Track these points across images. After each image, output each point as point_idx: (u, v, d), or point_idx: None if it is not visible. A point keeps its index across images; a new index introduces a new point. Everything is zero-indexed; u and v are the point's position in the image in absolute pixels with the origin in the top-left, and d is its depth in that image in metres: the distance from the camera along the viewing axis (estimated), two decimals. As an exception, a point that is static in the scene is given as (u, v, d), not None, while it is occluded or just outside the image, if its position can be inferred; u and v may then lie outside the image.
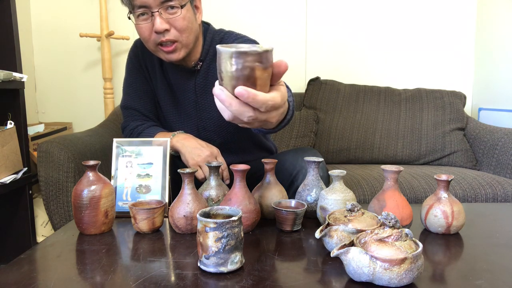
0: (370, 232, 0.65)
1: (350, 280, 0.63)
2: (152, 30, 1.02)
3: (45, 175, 1.33)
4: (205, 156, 1.02)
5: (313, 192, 0.95)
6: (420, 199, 1.43)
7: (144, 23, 1.02)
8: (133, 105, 1.22)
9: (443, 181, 0.85)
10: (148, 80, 1.22)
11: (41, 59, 2.19)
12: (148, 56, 1.19)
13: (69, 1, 2.15)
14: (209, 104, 1.19)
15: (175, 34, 1.03)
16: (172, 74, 1.18)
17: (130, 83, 1.22)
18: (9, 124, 1.53)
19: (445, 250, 0.78)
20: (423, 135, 1.91)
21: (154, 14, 1.00)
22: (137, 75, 1.22)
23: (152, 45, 1.05)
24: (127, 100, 1.23)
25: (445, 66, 2.29)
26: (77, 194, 0.84)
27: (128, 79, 1.23)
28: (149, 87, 1.22)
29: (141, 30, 1.04)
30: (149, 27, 1.02)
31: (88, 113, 2.22)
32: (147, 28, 1.02)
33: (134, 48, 1.23)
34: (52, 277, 0.66)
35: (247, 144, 1.27)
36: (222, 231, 0.64)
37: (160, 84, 1.20)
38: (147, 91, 1.22)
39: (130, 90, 1.22)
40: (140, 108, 1.21)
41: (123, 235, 0.86)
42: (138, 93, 1.22)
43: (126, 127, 1.22)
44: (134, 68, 1.21)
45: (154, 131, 1.15)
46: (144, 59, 1.21)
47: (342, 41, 2.25)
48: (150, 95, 1.23)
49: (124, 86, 1.25)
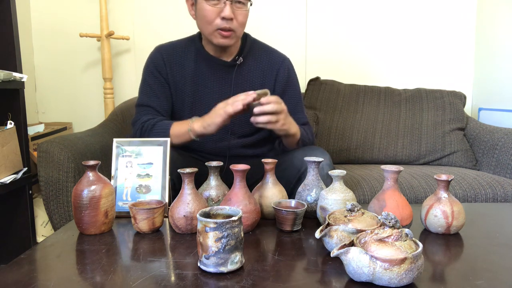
0: (370, 232, 0.65)
1: (350, 280, 0.63)
2: (218, 14, 1.14)
3: (45, 175, 1.33)
4: (222, 106, 1.07)
5: (313, 192, 0.95)
6: (420, 199, 1.43)
7: (213, 7, 1.14)
8: (148, 103, 1.24)
9: (443, 181, 0.85)
10: (170, 83, 1.26)
11: (41, 59, 2.18)
12: (174, 58, 1.26)
13: (69, 1, 2.15)
14: None
15: (235, 25, 1.16)
16: (211, 66, 1.26)
17: (148, 84, 1.26)
18: (9, 124, 1.53)
19: (445, 250, 0.78)
20: (423, 135, 1.91)
21: (226, 2, 1.12)
22: (156, 77, 1.25)
23: (212, 27, 1.16)
24: (143, 98, 1.26)
25: (445, 66, 2.29)
26: (77, 194, 0.84)
27: (146, 80, 1.27)
28: (167, 89, 1.26)
29: (208, 12, 1.14)
30: (216, 11, 1.14)
31: (88, 113, 2.22)
32: (214, 12, 1.14)
33: (157, 53, 1.27)
34: (52, 277, 0.66)
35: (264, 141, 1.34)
36: (222, 231, 0.64)
37: (191, 79, 1.25)
38: (165, 92, 1.26)
39: (147, 89, 1.26)
40: (156, 106, 1.24)
41: (123, 235, 0.86)
42: (155, 93, 1.25)
43: (137, 121, 1.23)
44: (156, 71, 1.26)
45: (168, 123, 1.18)
46: (169, 62, 1.26)
47: (342, 41, 2.25)
48: (167, 96, 1.26)
49: (140, 86, 1.28)
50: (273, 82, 1.30)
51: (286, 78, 1.30)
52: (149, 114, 1.22)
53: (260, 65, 1.29)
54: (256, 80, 1.28)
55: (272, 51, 1.34)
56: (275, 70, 1.30)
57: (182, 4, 2.18)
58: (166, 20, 2.13)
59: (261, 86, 1.27)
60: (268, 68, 1.30)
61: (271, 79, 1.30)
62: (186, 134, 1.12)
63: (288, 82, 1.31)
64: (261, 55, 1.31)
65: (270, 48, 1.35)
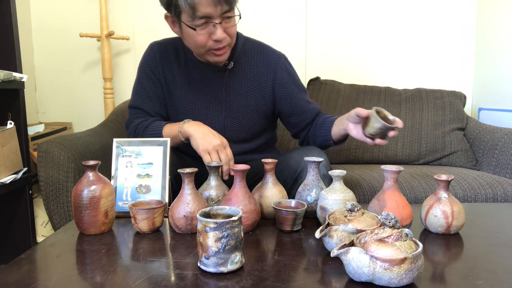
0: (370, 232, 0.65)
1: (350, 280, 0.63)
2: (209, 37, 1.07)
3: (45, 175, 1.33)
4: (215, 145, 1.03)
5: (313, 192, 0.95)
6: (420, 199, 1.43)
7: (203, 32, 1.06)
8: (140, 105, 1.23)
9: (443, 181, 0.85)
10: (163, 84, 1.23)
11: (41, 59, 2.18)
12: (166, 58, 1.22)
13: (69, 1, 2.15)
14: (237, 103, 1.22)
15: (228, 40, 1.10)
16: (201, 71, 1.21)
17: (142, 84, 1.24)
18: (9, 124, 1.53)
19: (445, 250, 0.78)
20: (423, 135, 1.91)
21: (216, 25, 1.05)
22: (150, 78, 1.23)
23: (205, 49, 1.10)
24: (136, 100, 1.24)
25: (445, 66, 2.29)
26: (77, 194, 0.84)
27: (140, 80, 1.25)
28: (161, 91, 1.24)
29: (199, 38, 1.07)
30: (206, 35, 1.07)
31: (88, 113, 2.22)
32: (205, 36, 1.07)
33: (151, 52, 1.24)
34: (52, 277, 0.66)
35: (264, 145, 1.32)
36: (222, 231, 0.64)
37: (182, 83, 1.22)
38: (158, 94, 1.24)
39: (140, 90, 1.24)
40: (147, 109, 1.23)
41: (123, 235, 0.86)
42: (148, 94, 1.23)
43: (130, 124, 1.22)
44: (150, 72, 1.23)
45: (160, 124, 1.16)
46: (162, 62, 1.23)
47: (342, 41, 2.25)
48: (161, 98, 1.24)
49: (134, 86, 1.26)
50: (271, 84, 1.25)
51: (286, 78, 1.26)
52: (141, 117, 1.21)
53: (254, 68, 1.24)
54: (250, 83, 1.23)
55: (266, 49, 1.27)
56: (271, 72, 1.24)
57: (182, 4, 2.18)
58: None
59: (257, 89, 1.23)
60: (263, 70, 1.24)
61: (269, 81, 1.24)
62: (177, 137, 1.10)
63: (289, 80, 1.26)
64: (255, 56, 1.25)
65: (263, 46, 1.28)
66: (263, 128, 1.30)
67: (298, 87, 1.29)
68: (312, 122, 1.29)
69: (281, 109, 1.28)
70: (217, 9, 1.02)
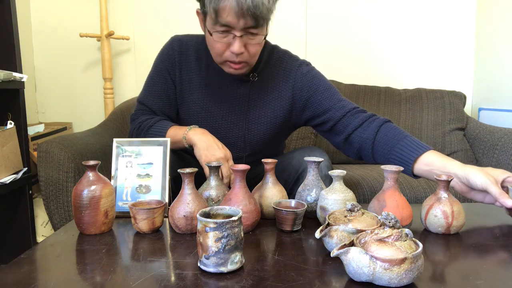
0: (370, 232, 0.65)
1: (350, 280, 0.63)
2: (227, 47, 1.02)
3: (45, 175, 1.33)
4: (218, 157, 1.01)
5: (313, 192, 0.95)
6: (420, 199, 1.43)
7: (222, 40, 1.02)
8: (148, 103, 1.20)
9: (443, 181, 0.85)
10: (177, 85, 1.18)
11: (41, 59, 2.19)
12: (186, 58, 1.17)
13: (69, 1, 2.15)
14: (259, 116, 1.17)
15: (246, 57, 1.04)
16: (221, 78, 1.16)
17: (154, 82, 1.20)
18: (9, 124, 1.53)
19: (445, 250, 0.78)
20: (423, 135, 1.91)
21: (236, 37, 1.00)
22: (163, 77, 1.19)
23: (222, 59, 1.06)
24: (146, 96, 1.20)
25: (445, 66, 2.29)
26: (77, 194, 0.84)
27: (152, 77, 1.20)
28: (173, 92, 1.19)
29: (216, 44, 1.03)
30: (224, 44, 1.02)
31: (88, 113, 2.22)
32: (223, 45, 1.02)
33: (170, 49, 1.18)
34: (52, 277, 0.66)
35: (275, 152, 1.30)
36: (222, 231, 0.64)
37: (198, 87, 1.17)
38: (169, 95, 1.19)
39: (152, 88, 1.20)
40: (155, 108, 1.19)
41: (123, 235, 0.86)
42: (158, 93, 1.19)
43: (136, 119, 1.19)
44: (165, 70, 1.18)
45: (166, 125, 1.13)
46: (180, 62, 1.18)
47: (342, 41, 2.25)
48: (171, 99, 1.20)
49: (147, 81, 1.22)
50: (290, 92, 1.17)
51: (308, 82, 1.16)
52: (147, 115, 1.20)
53: (275, 77, 1.17)
54: (271, 93, 1.17)
55: (289, 57, 1.20)
56: (291, 79, 1.17)
57: (182, 4, 2.18)
58: (166, 20, 2.13)
59: (278, 99, 1.17)
60: (283, 78, 1.17)
61: (288, 89, 1.17)
62: (180, 142, 1.08)
63: (312, 84, 1.16)
64: (277, 65, 1.18)
65: (287, 54, 1.21)
66: (281, 140, 1.29)
67: (323, 87, 1.17)
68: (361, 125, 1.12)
69: (308, 116, 1.19)
70: (240, 22, 0.97)
